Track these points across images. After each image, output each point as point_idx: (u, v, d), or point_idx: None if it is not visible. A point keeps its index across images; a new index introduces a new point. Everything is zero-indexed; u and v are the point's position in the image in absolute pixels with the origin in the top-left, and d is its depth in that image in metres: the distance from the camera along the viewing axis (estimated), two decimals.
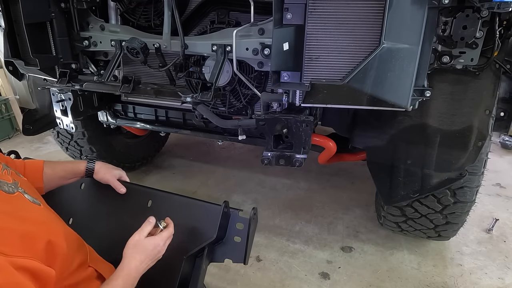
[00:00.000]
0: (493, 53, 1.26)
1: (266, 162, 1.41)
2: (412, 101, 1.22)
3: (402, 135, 1.51)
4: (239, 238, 1.19)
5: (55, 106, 1.84)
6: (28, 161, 1.23)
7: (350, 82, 1.19)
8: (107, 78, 1.60)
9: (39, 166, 1.22)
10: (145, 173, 3.11)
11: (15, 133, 3.89)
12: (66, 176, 1.28)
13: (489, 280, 1.97)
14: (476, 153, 1.45)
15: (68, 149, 2.65)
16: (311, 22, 1.18)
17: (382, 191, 1.70)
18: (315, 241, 2.26)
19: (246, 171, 3.09)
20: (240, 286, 1.93)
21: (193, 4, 1.58)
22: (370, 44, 1.17)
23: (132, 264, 0.97)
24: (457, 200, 1.69)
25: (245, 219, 1.19)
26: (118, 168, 1.37)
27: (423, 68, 1.21)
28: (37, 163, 1.23)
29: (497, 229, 2.36)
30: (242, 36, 1.38)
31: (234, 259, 1.20)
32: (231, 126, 1.62)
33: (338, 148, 1.87)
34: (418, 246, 2.20)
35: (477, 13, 1.13)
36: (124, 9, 1.66)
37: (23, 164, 1.19)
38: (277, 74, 1.26)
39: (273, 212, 2.55)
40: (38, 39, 1.58)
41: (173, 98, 1.68)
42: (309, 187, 2.89)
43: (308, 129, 1.33)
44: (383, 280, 1.96)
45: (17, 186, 0.92)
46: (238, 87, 1.63)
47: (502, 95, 1.54)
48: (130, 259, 0.98)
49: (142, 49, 1.52)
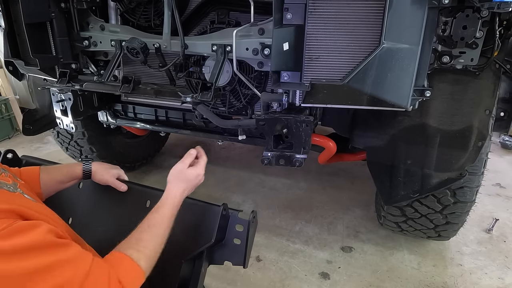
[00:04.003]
0: (493, 53, 1.26)
1: (266, 162, 1.41)
2: (412, 101, 1.22)
3: (402, 135, 1.51)
4: (239, 240, 1.18)
5: (55, 106, 1.84)
6: (23, 168, 1.21)
7: (350, 82, 1.19)
8: (107, 78, 1.60)
9: (35, 172, 1.20)
10: (145, 173, 3.11)
11: (15, 133, 3.89)
12: (63, 180, 1.26)
13: (489, 280, 1.97)
14: (476, 153, 1.45)
15: (68, 149, 2.64)
16: (311, 22, 1.18)
17: (382, 191, 1.69)
18: (315, 241, 2.26)
19: (246, 171, 3.09)
20: (240, 286, 1.92)
21: (193, 4, 1.58)
22: (370, 44, 1.17)
23: (177, 193, 1.08)
24: (457, 200, 1.69)
25: (244, 221, 1.18)
26: (116, 167, 1.36)
27: (423, 68, 1.21)
28: (33, 169, 1.21)
29: (497, 229, 2.36)
30: (242, 36, 1.38)
31: (233, 262, 1.18)
32: (231, 126, 1.62)
33: (338, 148, 1.87)
34: (418, 246, 2.20)
35: (477, 13, 1.13)
36: (124, 9, 1.66)
37: (19, 172, 1.18)
38: (277, 74, 1.26)
39: (273, 212, 2.55)
40: (38, 39, 1.58)
41: (173, 98, 1.68)
42: (309, 187, 2.89)
43: (308, 129, 1.33)
44: (383, 280, 1.96)
45: (16, 187, 0.92)
46: (238, 87, 1.63)
47: (502, 95, 1.54)
48: (174, 189, 1.08)
49: (142, 49, 1.52)
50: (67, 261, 0.74)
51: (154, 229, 0.98)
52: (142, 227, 0.98)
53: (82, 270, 0.75)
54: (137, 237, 0.95)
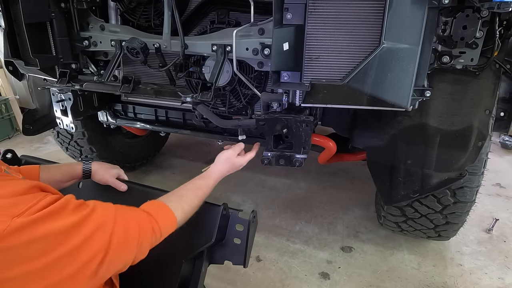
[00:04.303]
0: (493, 53, 1.26)
1: (266, 162, 1.41)
2: (412, 101, 1.21)
3: (402, 135, 1.51)
4: (239, 240, 1.18)
5: (55, 106, 1.83)
6: (23, 166, 1.21)
7: (350, 82, 1.19)
8: (107, 78, 1.60)
9: (35, 171, 1.20)
10: (145, 173, 3.11)
11: (15, 133, 3.89)
12: (63, 179, 1.25)
13: (489, 280, 1.97)
14: (476, 153, 1.45)
15: (68, 149, 2.64)
16: (311, 22, 1.18)
17: (382, 191, 1.69)
18: (315, 241, 2.26)
19: (246, 171, 3.06)
20: (240, 286, 1.92)
21: (193, 4, 1.58)
22: (370, 44, 1.17)
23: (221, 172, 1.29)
24: (457, 200, 1.69)
25: (245, 220, 1.18)
26: (116, 167, 1.36)
27: (423, 68, 1.21)
28: (33, 167, 1.21)
29: (497, 229, 2.36)
30: (242, 36, 1.38)
31: (234, 261, 1.19)
32: (231, 126, 1.62)
33: (338, 148, 1.87)
34: (418, 246, 2.20)
35: (477, 13, 1.13)
36: (124, 9, 1.66)
37: (19, 170, 1.17)
38: (277, 74, 1.26)
39: (273, 212, 2.55)
40: (38, 39, 1.58)
41: (173, 98, 1.68)
42: (309, 187, 2.89)
43: (308, 129, 1.33)
44: (383, 280, 1.96)
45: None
46: (238, 87, 1.63)
47: (502, 95, 1.54)
48: (219, 168, 1.30)
49: (142, 49, 1.51)
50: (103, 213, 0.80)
51: (196, 190, 1.13)
52: (186, 186, 1.13)
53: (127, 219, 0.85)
54: (180, 193, 1.09)
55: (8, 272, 0.64)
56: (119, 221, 0.81)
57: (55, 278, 0.68)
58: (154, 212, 0.95)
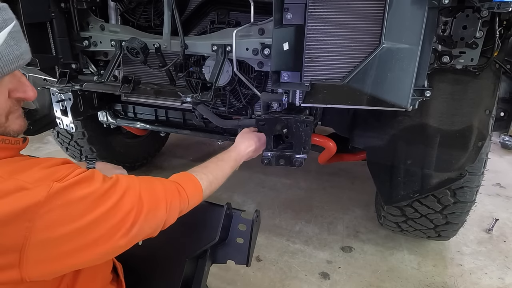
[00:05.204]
0: (493, 53, 1.26)
1: (266, 162, 1.41)
2: (412, 101, 1.21)
3: (402, 135, 1.51)
4: (242, 239, 1.18)
5: (55, 106, 1.84)
6: None
7: (350, 82, 1.19)
8: (107, 78, 1.60)
9: None
10: (145, 173, 3.11)
11: None
12: None
13: (489, 280, 1.97)
14: (476, 153, 1.45)
15: (68, 149, 2.64)
16: (311, 22, 1.18)
17: (382, 191, 1.70)
18: (315, 241, 2.26)
19: (246, 171, 3.09)
20: (240, 286, 1.93)
21: (193, 4, 1.58)
22: (370, 44, 1.17)
23: (241, 147, 1.30)
24: (457, 200, 1.69)
25: (247, 220, 1.19)
26: (119, 167, 1.36)
27: (423, 68, 1.21)
28: None
29: (497, 229, 2.36)
30: (242, 36, 1.38)
31: (236, 261, 1.19)
32: (231, 126, 1.62)
33: (338, 148, 1.87)
34: (418, 246, 2.20)
35: (477, 13, 1.13)
36: (124, 9, 1.66)
37: None
38: (277, 74, 1.26)
39: (273, 212, 2.55)
40: (38, 39, 1.58)
41: (173, 98, 1.68)
42: (309, 187, 2.89)
43: (308, 129, 1.33)
44: (383, 280, 1.96)
45: None
46: (238, 87, 1.63)
47: (502, 95, 1.54)
48: (239, 144, 1.31)
49: (142, 49, 1.51)
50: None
51: (220, 163, 1.18)
52: (212, 160, 1.18)
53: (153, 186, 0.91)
54: (203, 165, 1.13)
55: (54, 231, 0.71)
56: (144, 185, 0.89)
57: (93, 235, 0.75)
58: (179, 179, 1.01)
